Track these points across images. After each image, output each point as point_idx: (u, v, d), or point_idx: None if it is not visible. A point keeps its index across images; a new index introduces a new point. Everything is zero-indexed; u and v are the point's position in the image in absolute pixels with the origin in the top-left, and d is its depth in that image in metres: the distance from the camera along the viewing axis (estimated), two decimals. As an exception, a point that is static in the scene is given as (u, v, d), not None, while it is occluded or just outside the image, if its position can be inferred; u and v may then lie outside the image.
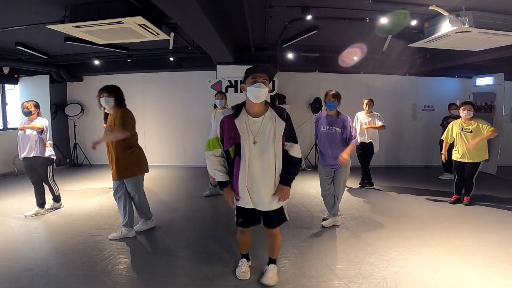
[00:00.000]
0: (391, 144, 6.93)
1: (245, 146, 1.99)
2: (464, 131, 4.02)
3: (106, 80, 6.83)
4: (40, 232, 3.29)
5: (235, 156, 2.04)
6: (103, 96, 2.99)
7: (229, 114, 2.06)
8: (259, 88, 1.95)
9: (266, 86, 1.98)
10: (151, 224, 3.34)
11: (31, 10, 3.26)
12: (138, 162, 3.08)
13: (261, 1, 3.33)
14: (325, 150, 3.30)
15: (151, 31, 3.44)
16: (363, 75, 6.72)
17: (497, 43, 3.79)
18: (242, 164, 2.01)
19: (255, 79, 1.97)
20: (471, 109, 3.98)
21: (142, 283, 2.32)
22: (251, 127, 2.02)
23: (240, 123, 2.01)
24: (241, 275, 2.37)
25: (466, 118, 4.00)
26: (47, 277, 2.35)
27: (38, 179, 3.78)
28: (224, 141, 2.06)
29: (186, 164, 6.83)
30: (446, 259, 2.65)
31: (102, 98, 2.99)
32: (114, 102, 3.01)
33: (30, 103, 3.70)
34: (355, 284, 2.28)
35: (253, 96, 1.97)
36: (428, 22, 3.60)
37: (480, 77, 6.45)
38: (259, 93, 1.96)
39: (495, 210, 3.97)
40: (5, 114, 6.42)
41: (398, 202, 4.34)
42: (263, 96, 1.98)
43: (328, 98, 3.22)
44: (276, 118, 2.05)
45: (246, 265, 2.41)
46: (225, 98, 4.37)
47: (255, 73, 1.98)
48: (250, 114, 2.05)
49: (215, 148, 2.09)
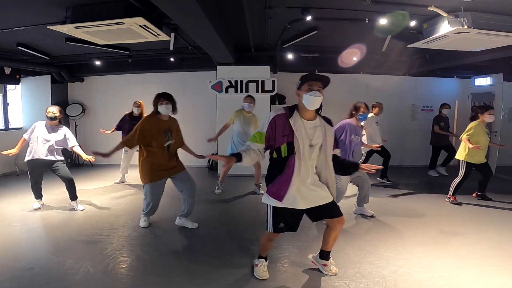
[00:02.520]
0: (391, 144, 6.92)
1: (301, 146, 2.02)
2: (487, 135, 4.09)
3: (107, 80, 6.93)
4: (41, 232, 3.31)
5: (288, 154, 2.05)
6: (162, 104, 3.16)
7: (281, 113, 2.09)
8: (315, 97, 2.00)
9: (321, 94, 2.03)
10: (145, 223, 3.40)
11: (32, 11, 3.28)
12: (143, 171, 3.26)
13: (261, 2, 3.35)
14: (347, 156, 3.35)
15: (151, 31, 3.46)
16: (363, 75, 6.73)
17: (496, 44, 3.81)
18: (297, 162, 2.03)
19: (311, 86, 2.02)
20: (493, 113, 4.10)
21: (143, 283, 2.34)
22: (307, 130, 2.07)
23: (295, 123, 2.05)
24: (261, 274, 2.38)
25: (491, 121, 4.12)
26: (48, 277, 2.36)
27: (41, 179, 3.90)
28: (276, 139, 2.06)
29: (187, 164, 6.78)
30: (445, 259, 2.67)
31: (163, 105, 3.16)
32: (171, 109, 3.26)
33: (56, 108, 3.75)
34: (354, 283, 2.30)
35: (308, 104, 2.02)
36: (427, 23, 3.62)
37: (479, 77, 6.47)
38: (314, 101, 2.01)
39: (493, 209, 3.99)
40: (6, 115, 6.44)
41: (397, 202, 4.36)
42: (317, 104, 2.04)
43: (362, 111, 3.43)
44: (326, 125, 2.14)
45: (264, 265, 2.43)
46: (253, 102, 4.52)
47: (311, 80, 2.03)
48: (303, 118, 2.09)
49: (256, 141, 2.09)
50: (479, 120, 4.08)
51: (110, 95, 6.96)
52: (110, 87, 6.96)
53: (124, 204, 4.24)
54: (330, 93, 5.84)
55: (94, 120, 6.97)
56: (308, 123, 2.09)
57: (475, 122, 4.09)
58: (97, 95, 7.00)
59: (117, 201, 4.34)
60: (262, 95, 5.92)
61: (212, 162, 6.57)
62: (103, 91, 6.97)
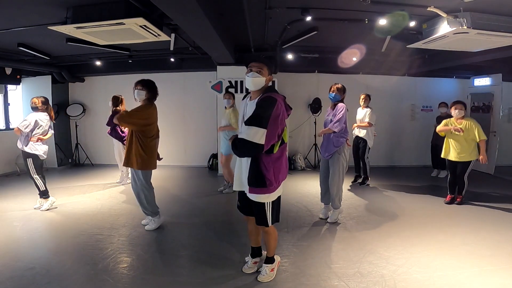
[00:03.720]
0: (390, 144, 6.97)
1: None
2: (455, 130, 4.04)
3: (108, 80, 6.94)
4: (42, 231, 3.32)
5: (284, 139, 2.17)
6: (136, 88, 3.12)
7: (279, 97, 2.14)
8: (251, 77, 2.12)
9: (261, 75, 2.12)
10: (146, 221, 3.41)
11: (33, 11, 3.29)
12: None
13: (261, 3, 3.36)
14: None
15: (152, 32, 3.47)
16: (362, 75, 6.75)
17: (495, 44, 3.82)
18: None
19: (250, 68, 2.15)
20: (462, 108, 4.04)
21: (143, 282, 2.34)
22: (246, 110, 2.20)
23: (242, 105, 2.29)
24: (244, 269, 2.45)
25: (458, 117, 4.05)
26: (49, 276, 2.37)
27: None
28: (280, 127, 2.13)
29: (187, 164, 6.86)
30: (444, 258, 2.68)
31: (135, 91, 3.12)
32: (145, 96, 3.13)
33: (38, 99, 3.87)
34: (354, 283, 2.30)
35: (247, 85, 2.18)
36: (427, 23, 3.63)
37: (478, 77, 6.47)
38: (249, 81, 2.13)
39: (492, 209, 4.00)
40: (7, 115, 6.45)
41: (397, 202, 4.37)
42: (256, 84, 2.13)
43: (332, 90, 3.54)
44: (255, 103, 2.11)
45: (250, 262, 2.46)
46: (233, 98, 4.56)
47: (251, 62, 2.17)
48: (250, 99, 2.24)
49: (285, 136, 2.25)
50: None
51: (111, 95, 6.86)
52: (110, 87, 6.96)
53: (125, 203, 4.25)
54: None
55: (94, 120, 6.99)
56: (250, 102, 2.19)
57: (451, 118, 4.20)
58: (97, 95, 7.01)
59: (118, 201, 4.35)
60: (262, 95, 5.91)
61: (212, 162, 6.58)
62: (103, 91, 6.97)
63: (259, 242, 2.48)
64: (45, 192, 3.93)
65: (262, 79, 2.12)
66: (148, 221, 3.36)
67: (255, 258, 2.49)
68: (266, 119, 1.95)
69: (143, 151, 3.10)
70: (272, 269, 2.40)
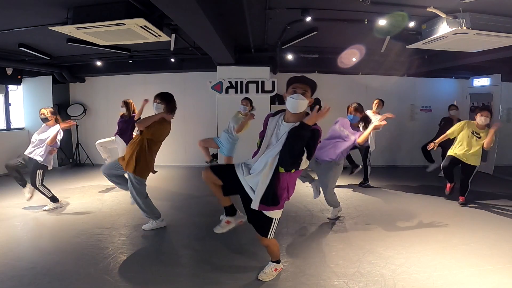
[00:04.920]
0: (390, 144, 6.97)
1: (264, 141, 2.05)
2: (474, 135, 3.97)
3: (108, 80, 6.96)
4: (42, 231, 3.33)
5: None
6: (155, 102, 3.15)
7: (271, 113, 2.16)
8: (296, 100, 1.93)
9: (306, 98, 1.95)
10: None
11: (34, 11, 3.30)
12: None
13: (261, 3, 3.37)
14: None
15: (152, 32, 3.48)
16: (362, 76, 6.75)
17: (494, 45, 3.83)
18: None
19: (295, 89, 1.96)
20: (488, 115, 3.86)
21: (143, 282, 2.35)
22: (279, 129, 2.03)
23: (271, 122, 2.07)
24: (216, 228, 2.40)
25: (483, 123, 3.90)
26: (49, 276, 2.38)
27: (17, 176, 3.98)
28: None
29: (187, 164, 6.86)
30: (444, 258, 2.68)
31: (154, 104, 3.15)
32: (164, 110, 3.17)
33: (47, 109, 3.88)
34: (353, 282, 2.31)
35: (289, 106, 1.97)
36: (426, 24, 3.64)
37: (477, 78, 6.48)
38: (294, 103, 1.94)
39: (492, 209, 4.01)
40: (8, 115, 6.46)
41: (396, 202, 4.38)
42: (300, 107, 1.95)
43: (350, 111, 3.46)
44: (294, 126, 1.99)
45: (224, 221, 2.40)
46: (249, 105, 4.42)
47: (296, 83, 1.98)
48: (284, 119, 2.04)
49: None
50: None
51: (111, 96, 6.98)
52: (111, 87, 6.99)
53: (125, 203, 4.25)
54: (329, 94, 5.93)
55: (95, 121, 7.00)
56: (284, 124, 2.02)
57: (472, 121, 4.08)
58: (98, 95, 7.02)
59: (118, 201, 4.35)
60: (262, 95, 5.94)
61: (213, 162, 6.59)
62: (104, 91, 6.99)
63: (230, 200, 2.39)
64: (55, 197, 3.96)
65: (306, 102, 1.95)
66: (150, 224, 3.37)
67: (228, 217, 2.42)
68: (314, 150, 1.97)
69: (145, 158, 3.11)
70: (276, 269, 2.41)
